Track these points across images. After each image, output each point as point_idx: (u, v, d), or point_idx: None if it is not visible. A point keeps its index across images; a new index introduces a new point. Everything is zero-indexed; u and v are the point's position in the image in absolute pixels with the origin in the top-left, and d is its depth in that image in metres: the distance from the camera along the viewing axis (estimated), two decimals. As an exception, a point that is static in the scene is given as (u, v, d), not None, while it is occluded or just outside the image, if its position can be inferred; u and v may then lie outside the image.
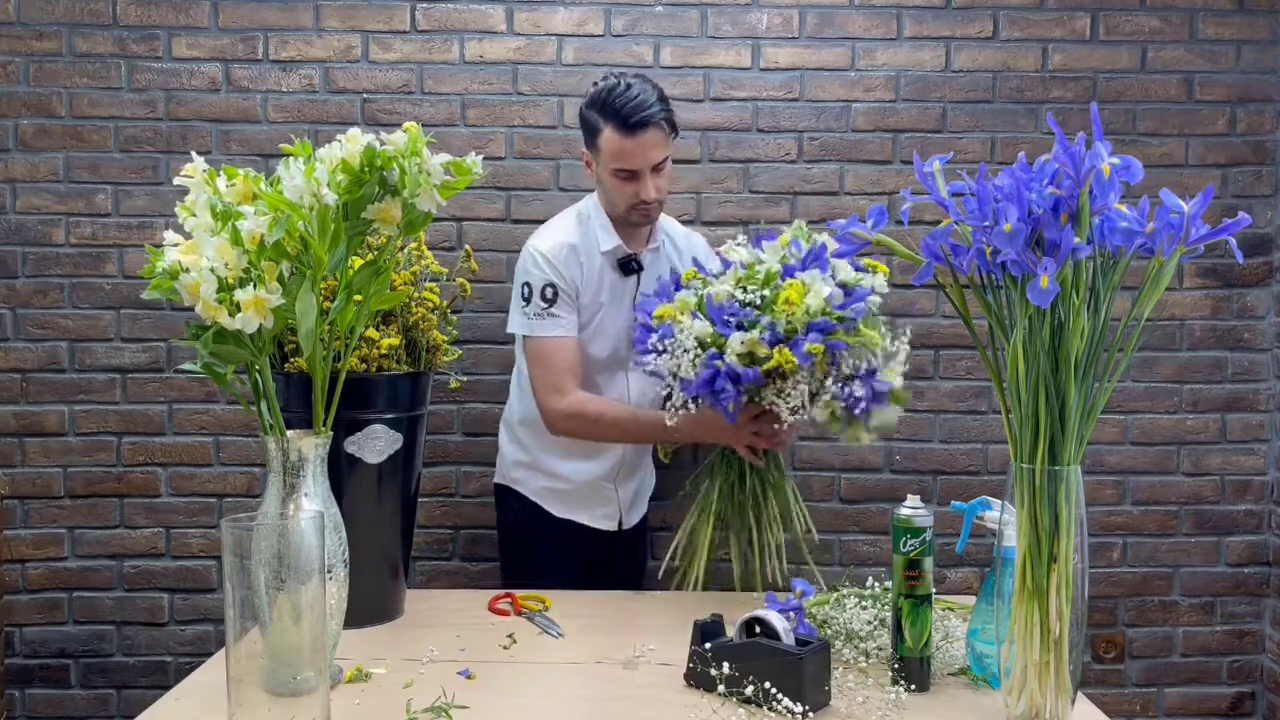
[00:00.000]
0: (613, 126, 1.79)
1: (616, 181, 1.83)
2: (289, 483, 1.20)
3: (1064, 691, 1.09)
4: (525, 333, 1.87)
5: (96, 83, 2.21)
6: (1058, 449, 1.08)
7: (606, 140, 1.81)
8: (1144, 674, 2.34)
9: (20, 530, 2.26)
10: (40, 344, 2.24)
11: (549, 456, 1.98)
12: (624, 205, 1.85)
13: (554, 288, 1.85)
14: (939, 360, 2.30)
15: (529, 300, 1.85)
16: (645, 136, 1.78)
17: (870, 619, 1.42)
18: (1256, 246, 2.29)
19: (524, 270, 1.88)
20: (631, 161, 1.80)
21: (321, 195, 1.14)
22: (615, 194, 1.85)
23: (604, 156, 1.83)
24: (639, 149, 1.79)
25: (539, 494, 2.00)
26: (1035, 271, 1.03)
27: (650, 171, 1.82)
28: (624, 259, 1.91)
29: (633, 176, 1.82)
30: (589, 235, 1.90)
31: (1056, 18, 2.26)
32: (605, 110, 1.80)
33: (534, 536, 2.00)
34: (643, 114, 1.77)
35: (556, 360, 1.85)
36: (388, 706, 1.21)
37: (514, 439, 2.03)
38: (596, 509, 2.01)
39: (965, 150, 2.26)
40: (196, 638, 2.29)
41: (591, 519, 2.01)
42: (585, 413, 1.84)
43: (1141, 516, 2.32)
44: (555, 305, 1.85)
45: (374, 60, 2.24)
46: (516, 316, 1.89)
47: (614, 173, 1.82)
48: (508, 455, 2.04)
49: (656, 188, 1.83)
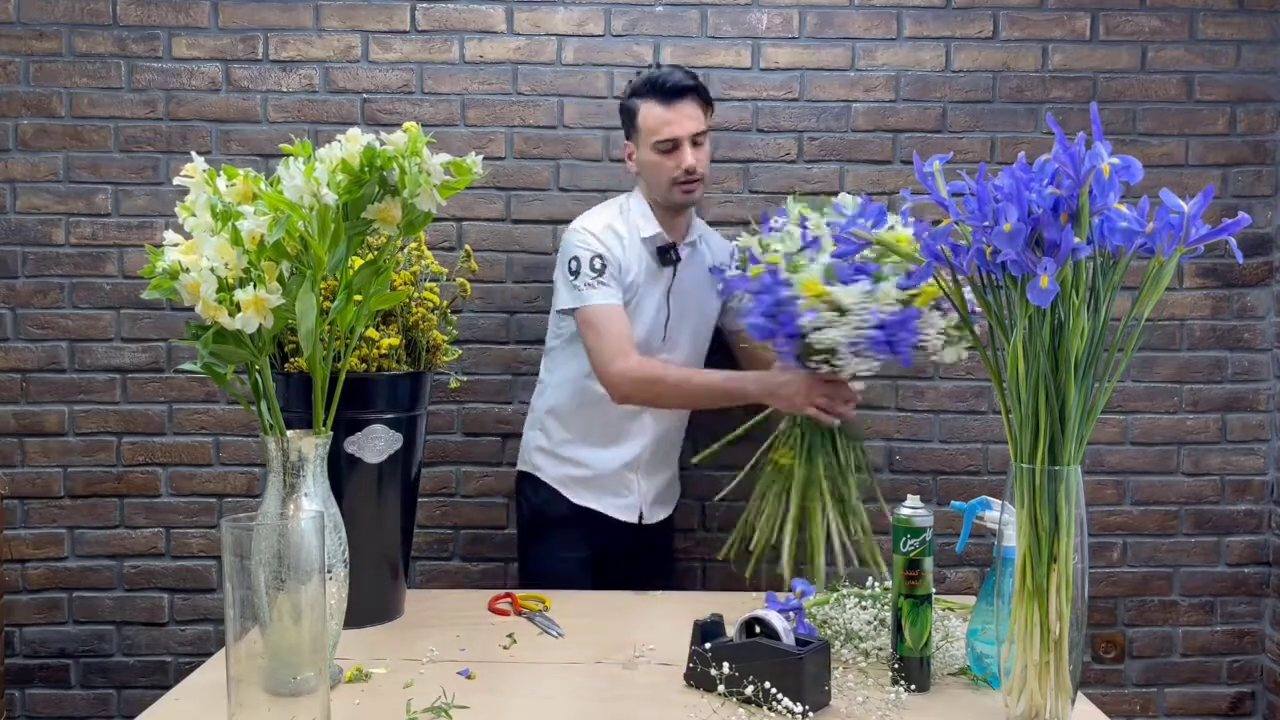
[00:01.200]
0: (650, 100, 1.87)
1: (658, 157, 1.89)
2: (289, 483, 1.20)
3: (1064, 691, 1.09)
4: (578, 304, 1.89)
5: (96, 83, 2.21)
6: (1058, 449, 1.08)
7: (645, 116, 1.88)
8: (1144, 674, 2.34)
9: (20, 530, 2.26)
10: (40, 344, 2.24)
11: (571, 444, 2.02)
12: (667, 182, 1.89)
13: (602, 259, 1.89)
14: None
15: (577, 273, 1.88)
16: (682, 105, 1.86)
17: (870, 619, 1.42)
18: (1256, 246, 2.29)
19: (569, 247, 1.91)
20: (671, 130, 1.86)
21: (321, 195, 1.14)
22: (657, 172, 1.90)
23: (644, 134, 1.89)
24: (677, 117, 1.86)
25: (559, 480, 2.03)
26: (1035, 271, 1.03)
27: (690, 145, 1.87)
28: (663, 247, 1.96)
29: (674, 148, 1.87)
30: (630, 222, 1.95)
31: (1056, 18, 2.26)
32: (641, 89, 1.89)
33: (551, 523, 2.03)
34: (677, 83, 1.86)
35: (614, 325, 1.87)
36: (388, 706, 1.21)
37: (537, 425, 2.06)
38: (618, 498, 2.03)
39: (965, 150, 2.26)
40: (196, 638, 2.29)
41: (612, 508, 2.03)
42: (653, 373, 1.87)
43: (1141, 516, 2.32)
44: (604, 275, 1.88)
45: (374, 60, 2.24)
46: (566, 292, 1.91)
47: (655, 147, 1.88)
48: (529, 441, 2.08)
49: (697, 159, 1.88)
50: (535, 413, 2.08)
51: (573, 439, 2.02)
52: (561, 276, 1.93)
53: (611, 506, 2.03)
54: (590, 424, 2.00)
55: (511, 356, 2.28)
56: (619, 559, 2.00)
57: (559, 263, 1.95)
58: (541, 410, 2.06)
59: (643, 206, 1.97)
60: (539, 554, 2.04)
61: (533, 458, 2.06)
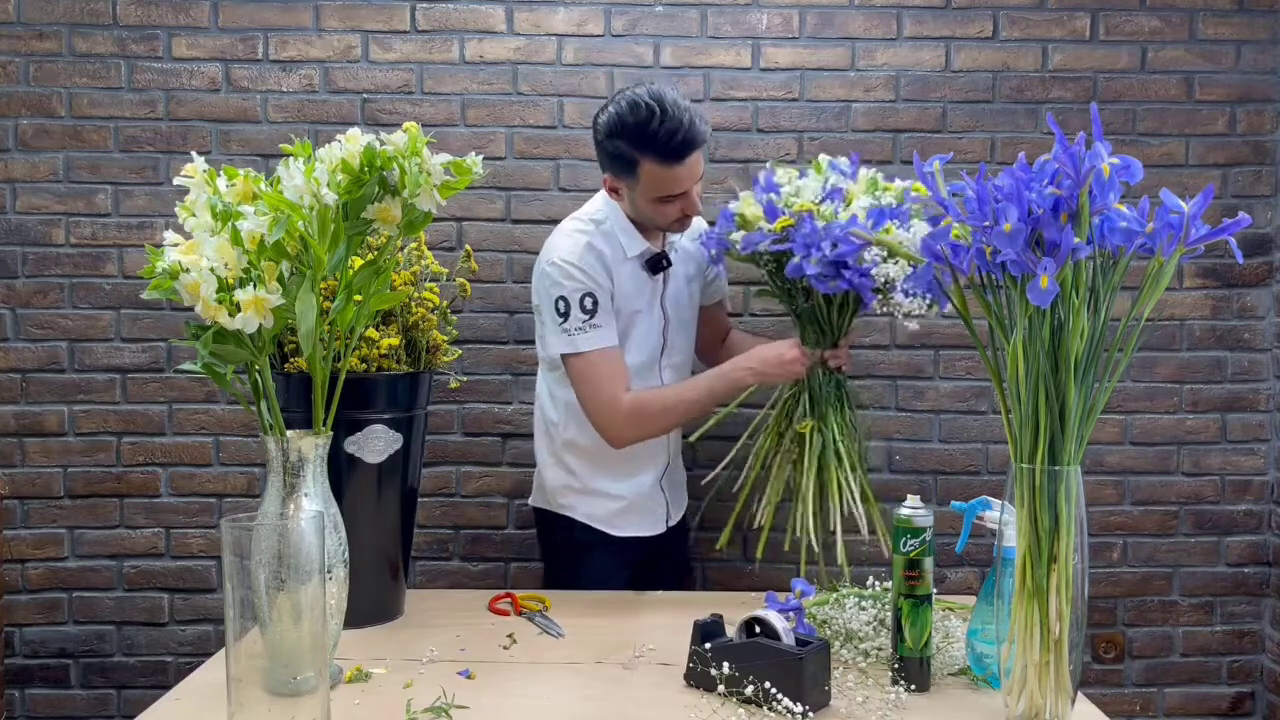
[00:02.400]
0: (654, 159, 1.70)
1: (659, 205, 1.77)
2: (289, 483, 1.20)
3: (1064, 691, 1.09)
4: (569, 351, 1.76)
5: (96, 83, 2.21)
6: (1058, 449, 1.08)
7: (648, 173, 1.72)
8: (1144, 674, 2.34)
9: (20, 530, 2.26)
10: (40, 344, 2.24)
11: (601, 479, 1.89)
12: (666, 223, 1.82)
13: (592, 297, 1.76)
14: (939, 360, 2.30)
15: (566, 315, 1.75)
16: (690, 159, 1.72)
17: (870, 619, 1.42)
18: (1256, 246, 2.29)
19: (553, 285, 1.77)
20: (679, 186, 1.74)
21: (321, 195, 1.14)
22: (658, 216, 1.79)
23: (644, 187, 1.75)
24: (686, 173, 1.73)
25: (595, 518, 1.90)
26: (1035, 271, 1.03)
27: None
28: (653, 259, 1.86)
29: (679, 197, 1.77)
30: (611, 241, 1.82)
31: (1056, 18, 2.26)
32: (642, 144, 1.70)
33: (590, 558, 1.90)
34: (685, 140, 1.69)
35: (608, 374, 1.76)
36: (388, 706, 1.21)
37: (559, 464, 1.91)
38: (649, 516, 1.95)
39: (965, 150, 2.26)
40: (196, 638, 2.29)
41: (647, 527, 1.94)
42: (641, 410, 1.77)
43: (1141, 516, 2.32)
44: (596, 315, 1.76)
45: (374, 60, 2.24)
46: (555, 337, 1.78)
47: (657, 199, 1.76)
48: (551, 480, 1.92)
49: (698, 195, 1.80)
50: (550, 449, 1.93)
51: (600, 471, 1.89)
52: (550, 317, 1.78)
53: (646, 526, 1.94)
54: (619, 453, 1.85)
55: (511, 356, 2.28)
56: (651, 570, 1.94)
57: (542, 297, 1.80)
58: (559, 446, 1.91)
59: (622, 221, 1.84)
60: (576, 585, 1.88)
61: (559, 498, 1.92)
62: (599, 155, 1.80)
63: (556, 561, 1.99)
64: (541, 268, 1.81)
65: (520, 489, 2.29)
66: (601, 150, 1.78)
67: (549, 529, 1.98)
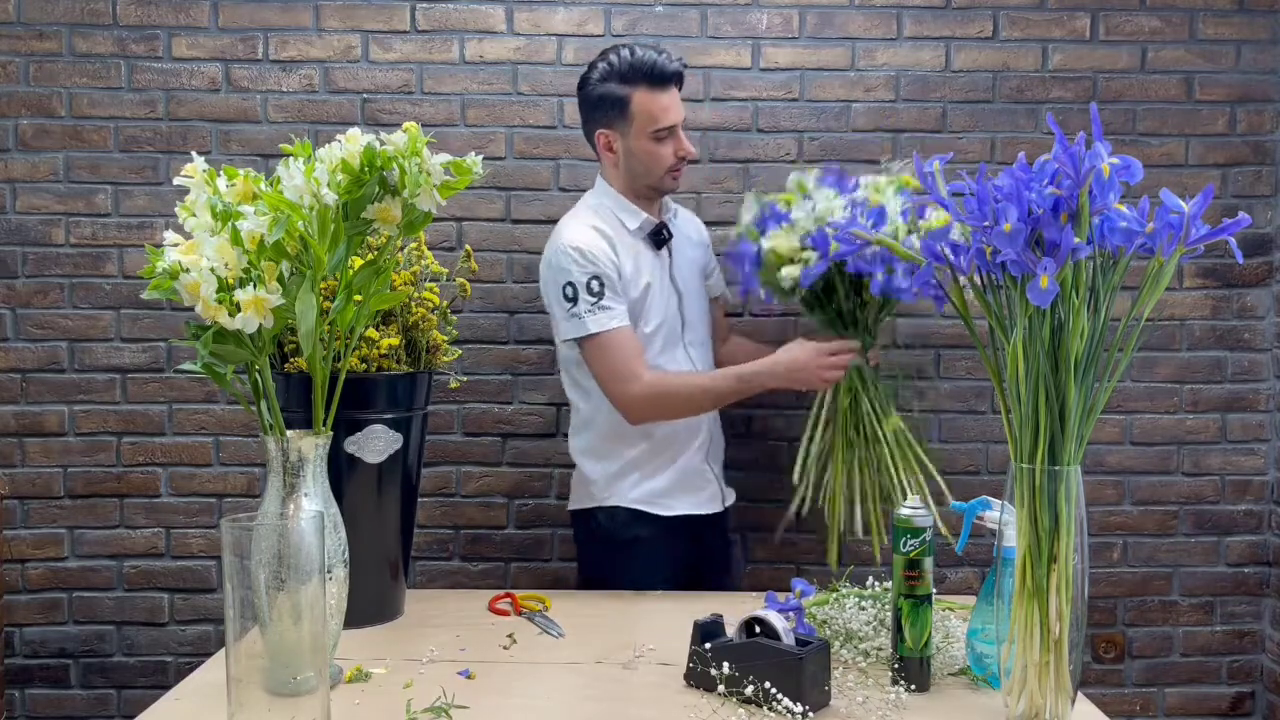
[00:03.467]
0: (645, 87, 1.80)
1: (653, 146, 1.83)
2: (289, 483, 1.20)
3: (1064, 691, 1.09)
4: (579, 334, 1.79)
5: (96, 83, 2.21)
6: (1058, 449, 1.08)
7: (641, 103, 1.81)
8: (1144, 674, 2.34)
9: (20, 530, 2.26)
10: (40, 344, 2.24)
11: (648, 462, 1.89)
12: (662, 169, 1.85)
13: (599, 279, 1.79)
14: (939, 360, 2.30)
15: (575, 300, 1.78)
16: (673, 91, 1.83)
17: (870, 619, 1.42)
18: (1256, 246, 2.29)
19: (559, 271, 1.81)
20: (670, 117, 1.82)
21: (321, 195, 1.14)
22: (652, 160, 1.85)
23: (638, 123, 1.82)
24: (674, 103, 1.83)
25: (642, 500, 1.89)
26: (1035, 271, 1.03)
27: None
28: (654, 230, 1.89)
29: (670, 135, 1.83)
30: (611, 220, 1.87)
31: (1056, 18, 2.26)
32: (632, 75, 1.81)
33: (637, 546, 1.88)
34: (671, 68, 1.81)
35: (621, 350, 1.78)
36: (388, 706, 1.21)
37: (597, 456, 1.92)
38: (701, 493, 1.94)
39: (965, 150, 2.26)
40: (196, 638, 2.29)
41: (698, 505, 1.93)
42: (663, 390, 1.80)
43: (1141, 516, 2.32)
44: (604, 297, 1.79)
45: (374, 60, 2.24)
46: (565, 322, 1.81)
47: (652, 135, 1.82)
48: (593, 474, 1.92)
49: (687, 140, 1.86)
50: (591, 443, 1.93)
51: (646, 452, 1.88)
52: (558, 304, 1.82)
53: (699, 504, 1.93)
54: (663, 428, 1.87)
55: (511, 356, 2.28)
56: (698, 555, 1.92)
57: (550, 288, 1.83)
58: (600, 437, 1.91)
59: (618, 199, 1.89)
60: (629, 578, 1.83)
61: (602, 492, 1.90)
62: (590, 114, 1.88)
63: (602, 558, 1.94)
64: (547, 259, 1.87)
65: (520, 489, 2.29)
66: (592, 105, 1.86)
67: (590, 526, 1.94)
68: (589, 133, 1.91)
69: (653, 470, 1.90)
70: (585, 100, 1.88)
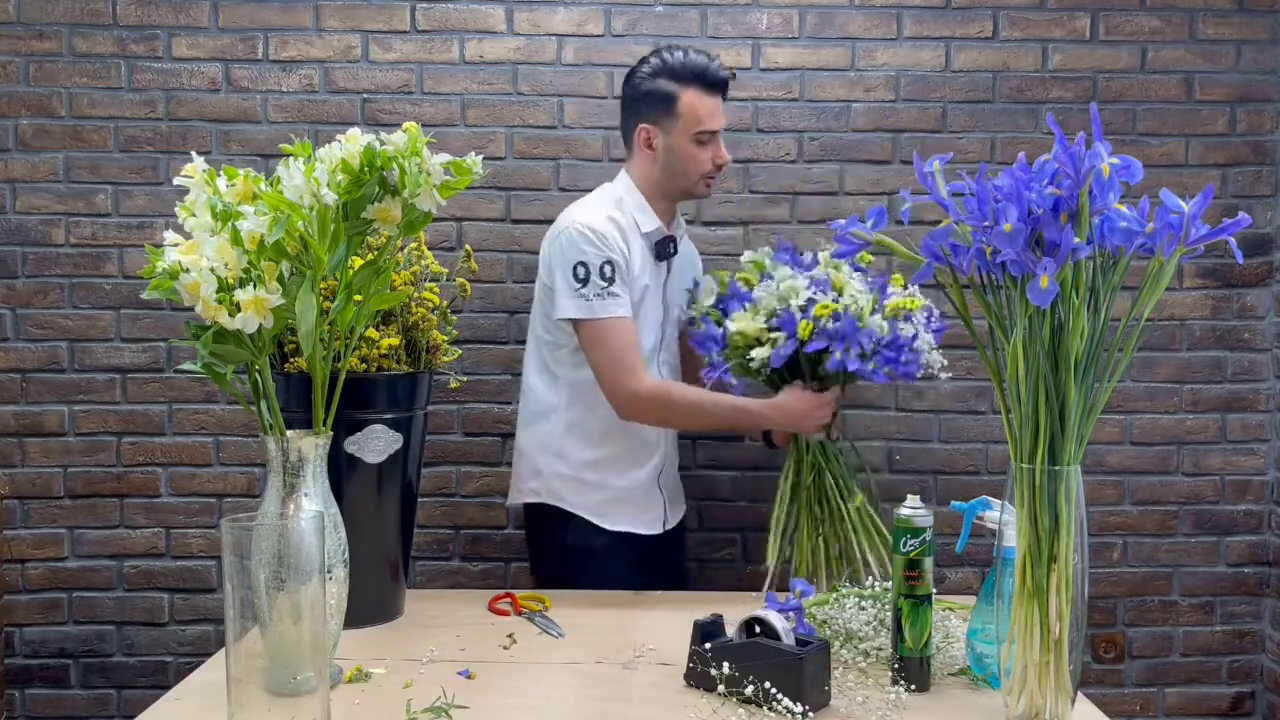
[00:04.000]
0: (696, 89, 1.80)
1: (694, 148, 1.83)
2: (289, 483, 1.20)
3: (1064, 691, 1.09)
4: (585, 315, 1.75)
5: (96, 83, 2.21)
6: (1058, 449, 1.08)
7: (689, 104, 1.81)
8: (1144, 674, 2.34)
9: (20, 530, 2.26)
10: (40, 344, 2.24)
11: (597, 465, 1.86)
12: (699, 173, 1.85)
13: (611, 265, 1.76)
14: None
15: (585, 281, 1.75)
16: (720, 100, 1.84)
17: (870, 619, 1.42)
18: (1256, 246, 2.29)
19: (573, 249, 1.77)
20: (715, 121, 1.83)
21: (321, 195, 1.14)
22: (691, 162, 1.84)
23: (684, 122, 1.81)
24: (719, 109, 1.84)
25: (588, 509, 1.87)
26: (1035, 271, 1.03)
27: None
28: (661, 240, 1.88)
29: (711, 140, 1.83)
30: (627, 216, 1.85)
31: (1056, 18, 2.26)
32: (684, 74, 1.81)
33: (585, 554, 1.87)
34: (723, 74, 1.83)
35: (623, 339, 1.76)
36: (388, 706, 1.21)
37: (551, 450, 1.88)
38: (647, 513, 1.92)
39: (965, 150, 2.26)
40: (196, 638, 2.29)
41: (643, 525, 1.91)
42: (664, 396, 1.78)
43: (1141, 516, 2.32)
44: (614, 284, 1.76)
45: (374, 60, 2.24)
46: (570, 300, 1.76)
47: (695, 137, 1.82)
48: (544, 468, 1.88)
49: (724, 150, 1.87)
50: (545, 435, 1.88)
51: (600, 459, 1.86)
52: (564, 281, 1.77)
53: (643, 524, 1.91)
54: (622, 439, 1.85)
55: (511, 356, 2.28)
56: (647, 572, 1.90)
57: (557, 262, 1.79)
58: (557, 430, 1.87)
59: (638, 199, 1.86)
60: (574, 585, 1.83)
61: (553, 486, 1.87)
62: (635, 108, 1.86)
63: (546, 558, 1.95)
64: (557, 234, 1.82)
65: (520, 489, 2.28)
66: (639, 99, 1.85)
67: (542, 525, 1.93)
68: (630, 126, 1.88)
69: (600, 480, 1.87)
70: (632, 94, 1.86)
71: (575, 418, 1.86)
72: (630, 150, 1.90)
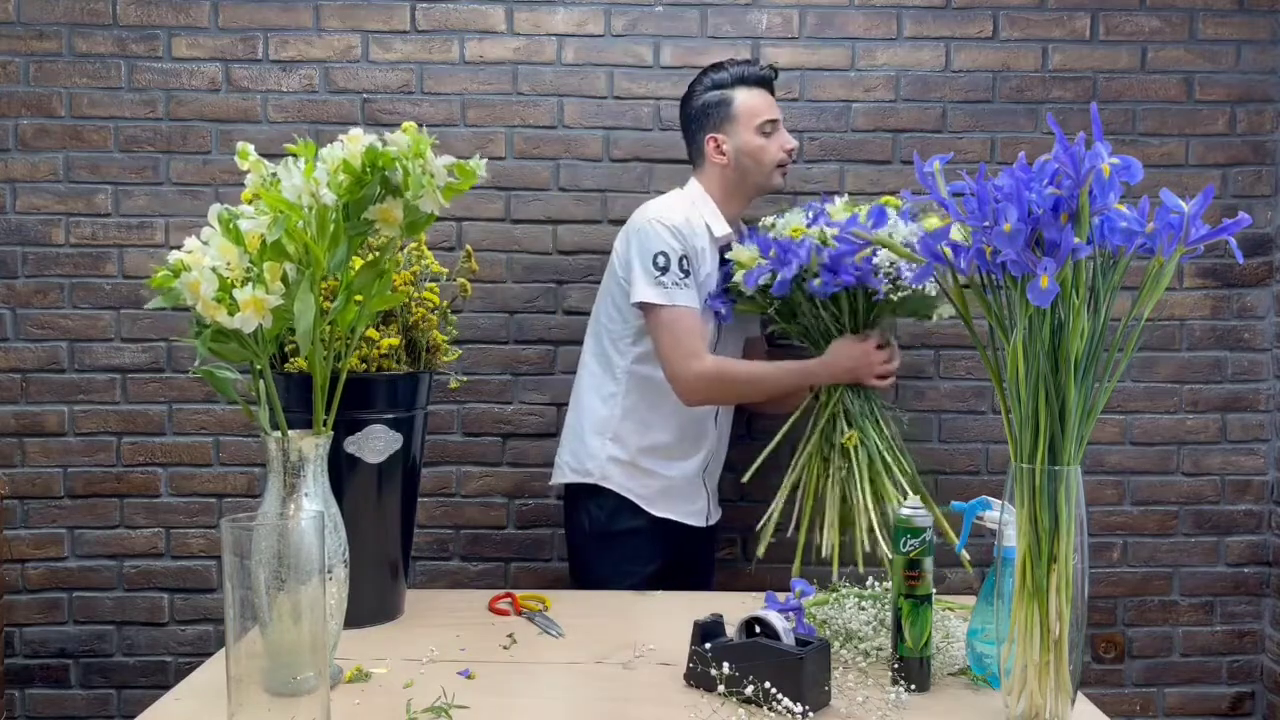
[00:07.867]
0: (745, 87, 1.94)
1: (762, 140, 1.93)
2: (289, 483, 1.20)
3: (1064, 691, 1.09)
4: (664, 302, 1.85)
5: (96, 83, 2.21)
6: (1058, 449, 1.08)
7: (744, 102, 1.93)
8: (1144, 674, 2.34)
9: (20, 530, 2.26)
10: (40, 344, 2.24)
11: (652, 453, 1.95)
12: (771, 163, 1.94)
13: (688, 259, 1.88)
14: (939, 360, 2.30)
15: (665, 269, 1.85)
16: (769, 92, 1.97)
17: (870, 619, 1.42)
18: (1256, 246, 2.29)
19: (657, 240, 1.87)
20: (772, 111, 1.94)
21: (320, 195, 1.14)
22: (763, 155, 1.93)
23: (744, 120, 1.93)
24: (772, 101, 1.96)
25: (635, 493, 1.95)
26: (1035, 271, 1.03)
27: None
28: (726, 246, 1.95)
29: (774, 129, 1.94)
30: (698, 220, 1.94)
31: (1056, 18, 2.26)
32: (731, 80, 1.94)
33: (624, 537, 1.95)
34: (763, 71, 1.97)
35: (690, 326, 1.86)
36: (388, 706, 1.21)
37: (606, 432, 1.96)
38: (691, 504, 2.00)
39: (965, 150, 2.26)
40: (196, 638, 2.29)
41: (687, 515, 2.00)
42: (725, 372, 1.88)
43: (1141, 516, 2.32)
44: (689, 276, 1.87)
45: (374, 60, 2.24)
46: (649, 287, 1.86)
47: (759, 130, 1.93)
48: (597, 450, 1.96)
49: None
50: (601, 418, 1.96)
51: (655, 446, 1.95)
52: (643, 269, 1.86)
53: (686, 514, 1.99)
54: (679, 428, 1.95)
55: (511, 356, 2.28)
56: (686, 566, 1.98)
57: (637, 251, 1.88)
58: (615, 414, 1.95)
59: (711, 206, 1.96)
60: (607, 570, 1.93)
61: (603, 469, 1.95)
62: (698, 125, 1.97)
63: (585, 535, 1.99)
64: (640, 224, 1.91)
65: (520, 489, 2.29)
66: (699, 115, 1.97)
67: (580, 501, 1.99)
68: (698, 141, 1.98)
69: (653, 467, 1.95)
70: (691, 115, 1.98)
71: (634, 404, 1.95)
72: (701, 161, 1.99)
